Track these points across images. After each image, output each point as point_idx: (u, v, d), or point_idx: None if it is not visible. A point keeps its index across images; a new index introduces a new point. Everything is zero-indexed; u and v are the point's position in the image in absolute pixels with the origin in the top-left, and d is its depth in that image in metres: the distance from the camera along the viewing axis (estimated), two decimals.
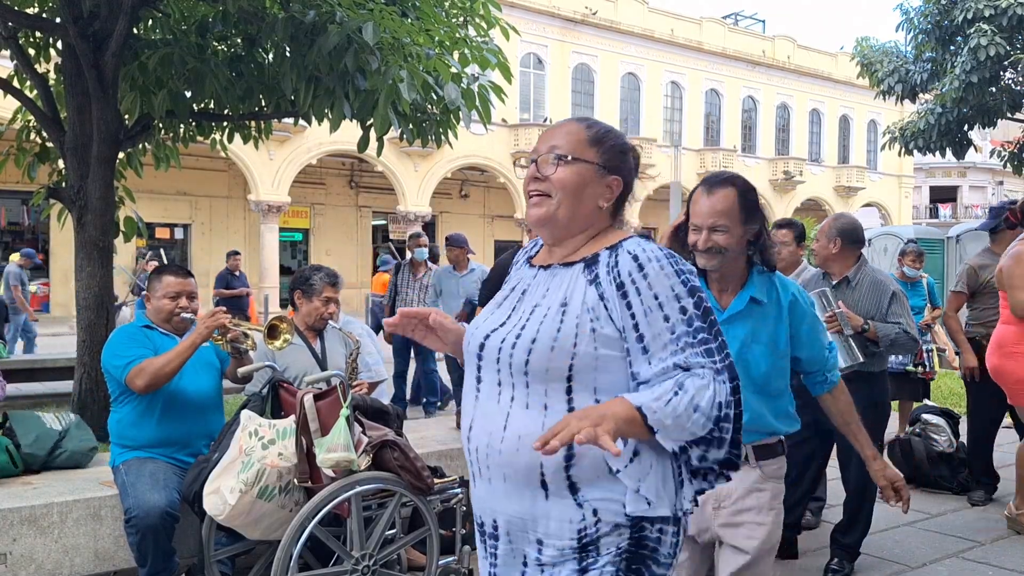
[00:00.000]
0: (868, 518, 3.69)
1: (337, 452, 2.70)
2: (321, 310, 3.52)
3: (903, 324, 3.46)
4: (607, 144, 1.53)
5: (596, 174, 1.50)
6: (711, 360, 1.38)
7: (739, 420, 1.41)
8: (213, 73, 4.58)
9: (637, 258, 1.42)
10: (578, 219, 1.51)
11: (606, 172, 1.51)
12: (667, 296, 1.39)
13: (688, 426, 1.35)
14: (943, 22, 12.27)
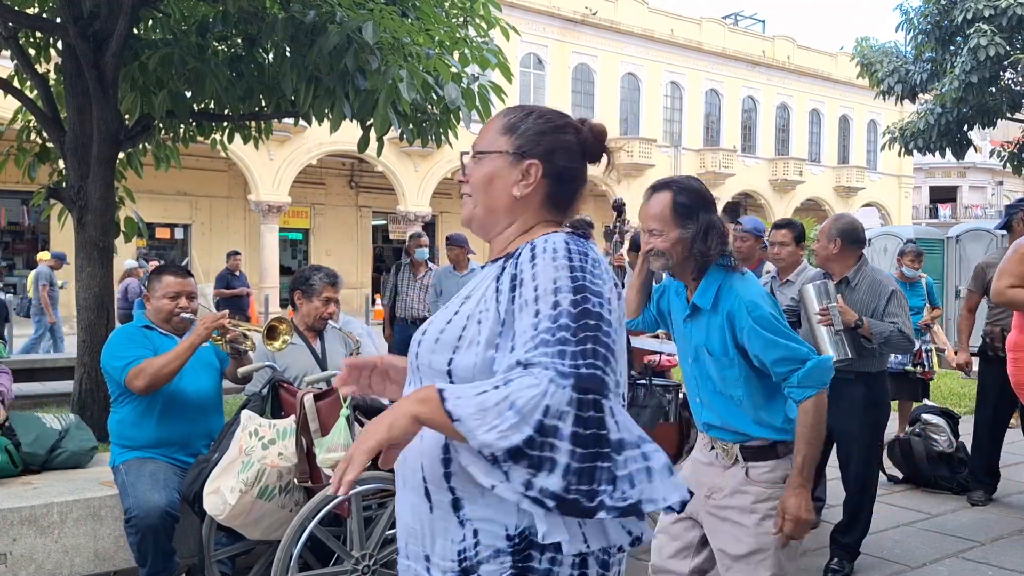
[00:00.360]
0: (868, 518, 3.69)
1: (337, 452, 2.70)
2: (321, 310, 3.52)
3: (899, 323, 3.46)
4: (522, 128, 1.38)
5: (508, 162, 1.37)
6: (560, 362, 1.15)
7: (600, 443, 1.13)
8: (213, 73, 4.58)
9: (534, 248, 1.27)
10: (496, 214, 1.39)
11: (520, 158, 1.36)
12: (546, 289, 1.22)
13: (494, 422, 1.12)
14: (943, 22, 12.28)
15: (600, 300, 1.22)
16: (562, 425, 1.12)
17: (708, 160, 28.46)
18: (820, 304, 3.45)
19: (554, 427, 1.11)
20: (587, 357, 1.17)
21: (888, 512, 4.55)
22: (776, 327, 2.08)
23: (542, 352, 1.17)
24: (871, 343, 3.46)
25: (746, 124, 30.89)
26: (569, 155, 1.38)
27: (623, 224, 4.94)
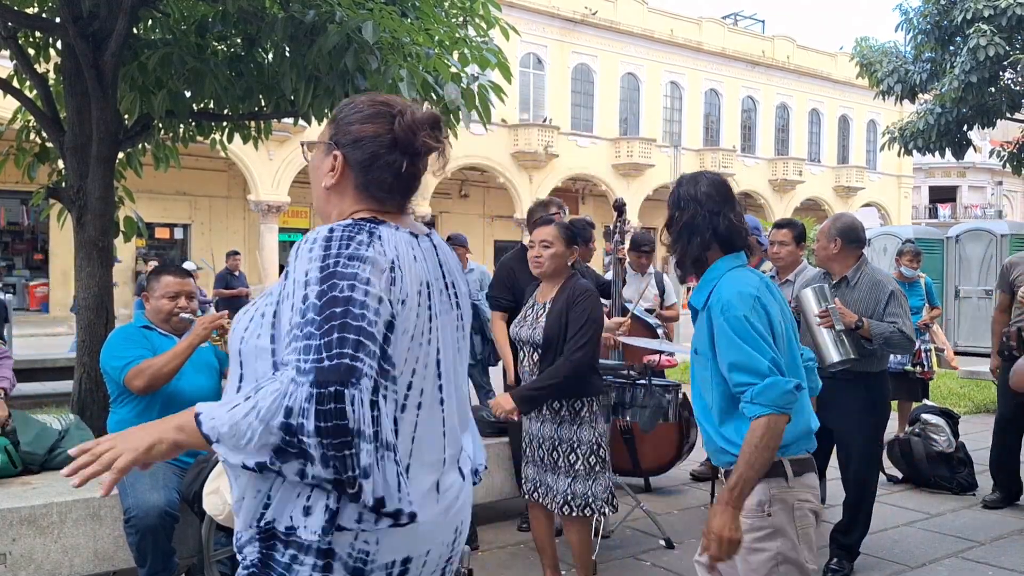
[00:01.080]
0: (868, 518, 3.69)
1: None
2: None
3: (899, 323, 3.46)
4: (339, 117, 1.39)
5: (323, 153, 1.39)
6: (304, 358, 1.15)
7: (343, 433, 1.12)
8: (213, 73, 4.57)
9: (305, 237, 1.27)
10: (321, 204, 1.42)
11: (332, 147, 1.38)
12: (297, 282, 1.21)
13: (247, 435, 1.14)
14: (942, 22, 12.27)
15: (352, 283, 1.19)
16: (305, 422, 1.12)
17: (708, 160, 28.47)
18: (819, 307, 3.45)
19: (300, 425, 1.12)
20: (332, 348, 1.15)
21: (888, 512, 4.55)
22: (745, 330, 1.94)
23: (291, 349, 1.17)
24: (872, 344, 3.46)
25: (746, 124, 30.90)
26: (376, 144, 1.35)
27: (623, 224, 4.94)
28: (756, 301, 1.98)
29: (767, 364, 1.91)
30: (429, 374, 1.31)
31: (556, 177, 25.67)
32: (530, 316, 3.25)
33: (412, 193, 1.45)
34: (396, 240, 1.30)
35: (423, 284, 1.31)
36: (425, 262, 1.36)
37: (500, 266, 4.40)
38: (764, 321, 1.97)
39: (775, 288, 2.13)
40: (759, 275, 2.11)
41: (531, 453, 3.23)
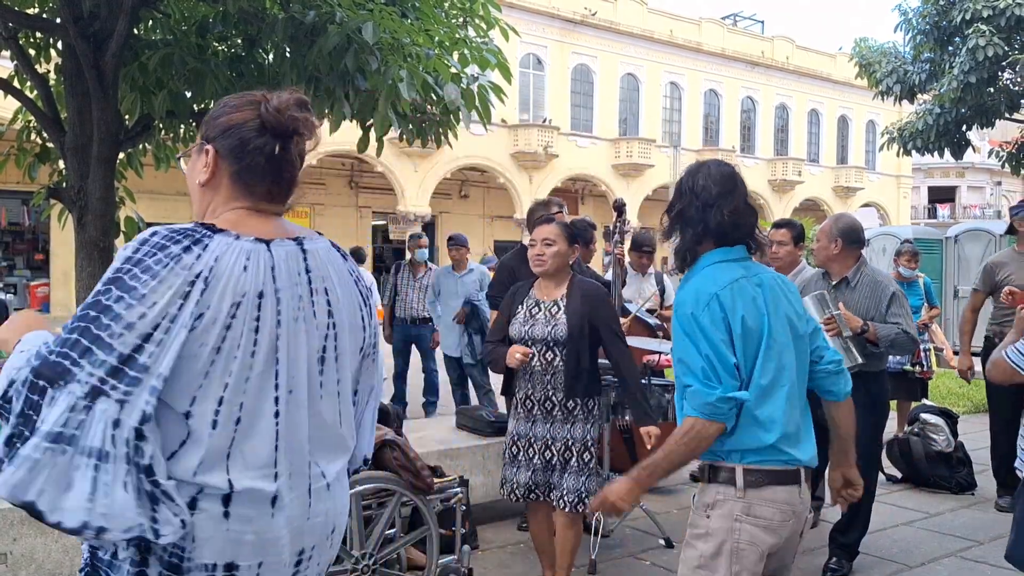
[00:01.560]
0: (867, 517, 3.70)
1: None
2: None
3: (902, 324, 3.47)
4: (208, 117, 1.41)
5: (197, 154, 1.39)
6: (47, 344, 1.22)
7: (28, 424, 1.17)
8: (213, 73, 4.58)
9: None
10: (195, 203, 1.42)
11: (203, 144, 1.39)
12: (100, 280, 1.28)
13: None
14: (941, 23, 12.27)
15: (122, 295, 1.21)
16: (16, 400, 1.18)
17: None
18: (823, 314, 3.45)
19: (11, 398, 1.19)
20: (65, 346, 1.19)
21: (887, 511, 4.56)
22: (691, 328, 1.91)
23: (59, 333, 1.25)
24: (878, 347, 3.47)
25: (745, 124, 30.91)
26: (245, 131, 1.35)
27: (623, 224, 4.95)
28: (713, 299, 1.91)
29: (700, 365, 1.88)
30: (251, 388, 1.28)
31: (556, 177, 25.68)
32: (539, 315, 3.17)
33: (288, 182, 1.41)
34: (225, 250, 1.27)
35: (244, 296, 1.27)
36: (263, 272, 1.30)
37: (500, 266, 4.41)
38: (718, 320, 1.90)
39: (770, 284, 2.00)
40: (746, 270, 2.00)
41: (521, 456, 3.17)
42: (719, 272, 1.97)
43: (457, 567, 3.19)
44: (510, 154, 24.71)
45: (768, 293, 1.99)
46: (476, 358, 6.29)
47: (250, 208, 1.37)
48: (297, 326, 1.34)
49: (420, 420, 5.90)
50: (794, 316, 2.03)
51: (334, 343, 1.40)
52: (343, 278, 1.44)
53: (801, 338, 2.03)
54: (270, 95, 1.38)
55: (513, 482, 3.19)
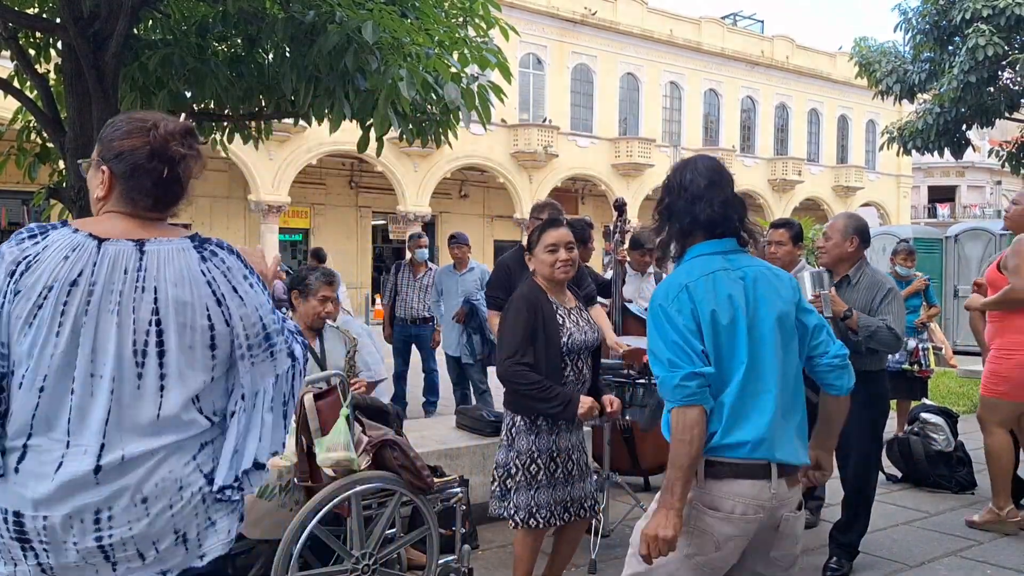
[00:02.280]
0: (867, 517, 3.70)
1: (337, 452, 2.70)
2: (318, 309, 3.53)
3: (888, 320, 3.47)
4: (103, 136, 1.60)
5: (95, 169, 1.59)
6: None
7: None
8: (213, 73, 4.59)
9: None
10: (92, 208, 1.62)
11: (100, 162, 1.58)
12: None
13: None
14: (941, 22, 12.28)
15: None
16: None
17: None
18: (813, 291, 3.48)
19: None
20: None
21: (887, 511, 4.56)
22: (659, 320, 1.91)
23: None
24: (856, 336, 3.47)
25: (745, 124, 30.91)
26: (136, 157, 1.54)
27: (624, 223, 4.95)
28: (683, 290, 1.92)
29: (667, 356, 1.88)
30: (55, 364, 1.45)
31: (556, 177, 25.68)
32: (579, 322, 3.02)
33: (178, 197, 1.61)
34: (56, 241, 1.48)
35: (57, 282, 1.45)
36: (83, 264, 1.48)
37: (498, 265, 4.41)
38: (686, 311, 1.90)
39: (754, 276, 1.97)
40: (729, 263, 1.97)
41: (541, 475, 2.94)
42: (698, 264, 1.97)
43: (457, 567, 3.19)
44: (510, 154, 24.71)
45: (751, 287, 1.97)
46: (475, 358, 6.29)
47: (125, 212, 1.56)
48: (109, 318, 1.48)
49: (420, 420, 5.90)
50: (785, 311, 1.99)
51: (156, 339, 1.50)
52: (186, 279, 1.53)
53: (790, 333, 2.00)
54: (158, 121, 1.56)
55: (532, 506, 2.91)
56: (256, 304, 1.57)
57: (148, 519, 1.48)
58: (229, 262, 1.58)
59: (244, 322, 1.55)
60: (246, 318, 1.55)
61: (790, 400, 2.00)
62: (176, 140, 1.55)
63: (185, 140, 1.57)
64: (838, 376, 2.15)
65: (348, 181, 24.79)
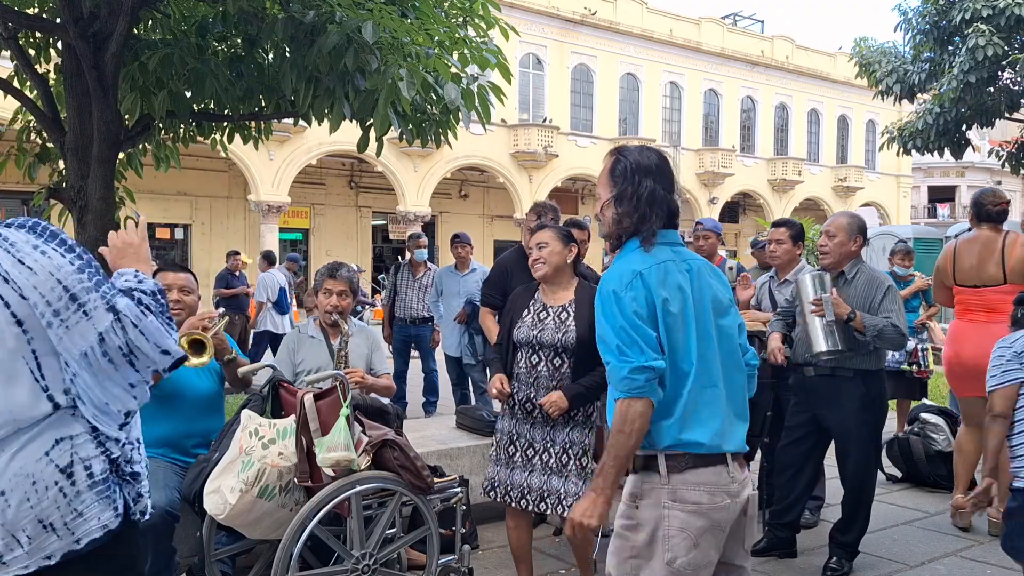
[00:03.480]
0: (866, 517, 3.70)
1: (337, 451, 2.71)
2: (324, 303, 3.56)
3: (892, 318, 3.48)
4: None
5: None
6: None
7: None
8: (213, 73, 4.58)
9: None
10: None
11: None
12: None
13: None
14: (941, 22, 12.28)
15: None
16: None
17: (707, 160, 28.48)
18: (814, 294, 3.50)
19: None
20: None
21: (887, 511, 4.56)
22: (609, 306, 1.90)
23: None
24: (864, 336, 3.49)
25: (745, 124, 30.91)
26: None
27: None
28: (636, 277, 1.92)
29: (616, 342, 1.87)
30: None
31: (556, 177, 25.68)
32: (548, 319, 3.12)
33: None
34: None
35: None
36: None
37: (496, 265, 4.41)
38: (640, 298, 1.89)
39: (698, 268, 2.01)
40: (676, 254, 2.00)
41: (518, 456, 3.10)
42: (652, 252, 1.98)
43: (457, 567, 3.19)
44: (510, 154, 24.71)
45: (695, 277, 1.99)
46: (476, 358, 6.29)
47: None
48: None
49: (420, 420, 5.90)
50: (720, 302, 2.02)
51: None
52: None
53: (728, 325, 2.03)
54: None
55: (507, 483, 3.11)
56: (51, 269, 1.54)
57: (11, 510, 1.52)
58: (14, 237, 1.58)
59: (40, 290, 1.53)
60: (41, 285, 1.52)
61: (732, 388, 2.01)
62: None
63: None
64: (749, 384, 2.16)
65: (348, 181, 24.79)
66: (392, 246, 25.75)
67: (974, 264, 4.22)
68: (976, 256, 4.21)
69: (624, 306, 1.89)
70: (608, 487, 1.90)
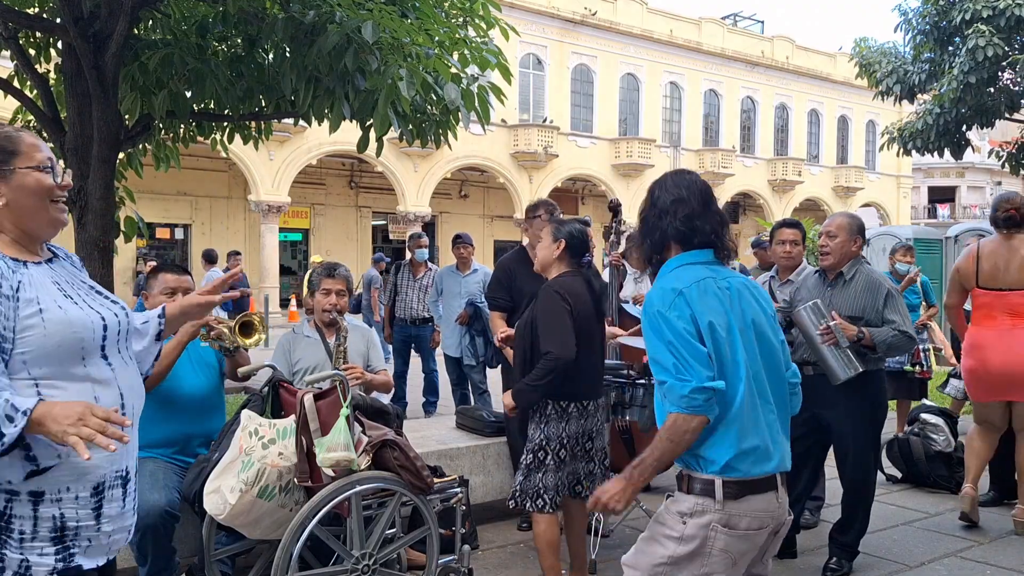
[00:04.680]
0: (866, 517, 3.70)
1: (337, 452, 2.70)
2: (322, 302, 3.56)
3: (898, 324, 3.47)
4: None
5: None
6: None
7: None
8: (213, 73, 4.58)
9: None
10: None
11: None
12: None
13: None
14: (941, 23, 12.28)
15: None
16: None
17: (707, 160, 28.47)
18: (819, 324, 3.46)
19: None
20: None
21: (887, 511, 4.56)
22: (658, 326, 1.96)
23: None
24: (875, 352, 3.49)
25: (745, 124, 30.91)
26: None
27: (618, 224, 4.95)
28: (678, 297, 1.97)
29: (672, 362, 1.93)
30: None
31: (556, 177, 25.68)
32: None
33: None
34: None
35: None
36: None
37: (498, 267, 4.41)
38: (685, 316, 1.95)
39: (738, 287, 2.05)
40: (714, 273, 2.05)
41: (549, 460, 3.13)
42: (685, 272, 2.04)
43: (457, 567, 3.19)
44: (510, 154, 24.71)
45: (735, 297, 2.04)
46: (477, 359, 6.28)
47: None
48: None
49: (420, 420, 5.90)
50: (763, 321, 2.07)
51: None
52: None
53: (770, 343, 2.07)
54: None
55: (540, 487, 3.11)
56: None
57: None
58: None
59: None
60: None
61: (781, 407, 2.08)
62: None
63: None
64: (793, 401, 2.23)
65: (348, 181, 24.79)
66: (392, 246, 25.74)
67: (998, 267, 4.17)
68: (1001, 259, 4.16)
69: (672, 323, 1.95)
70: (643, 481, 2.00)
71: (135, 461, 1.83)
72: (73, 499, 1.64)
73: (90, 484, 1.67)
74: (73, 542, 1.65)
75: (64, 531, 1.64)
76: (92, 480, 1.67)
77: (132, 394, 1.81)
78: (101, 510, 1.69)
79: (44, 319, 1.63)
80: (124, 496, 1.77)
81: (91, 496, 1.67)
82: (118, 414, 1.60)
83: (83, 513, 1.66)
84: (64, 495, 1.64)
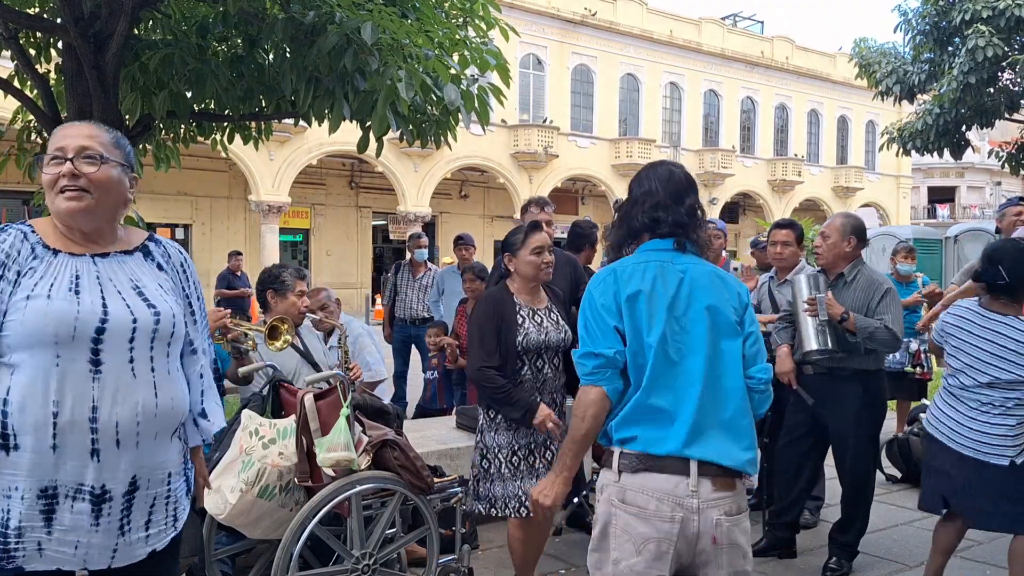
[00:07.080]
0: (865, 517, 3.71)
1: (337, 452, 2.71)
2: (297, 304, 3.56)
3: (886, 320, 3.47)
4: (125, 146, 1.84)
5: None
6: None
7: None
8: (213, 74, 4.58)
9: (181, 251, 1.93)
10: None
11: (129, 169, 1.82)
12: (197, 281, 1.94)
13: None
14: (941, 23, 12.29)
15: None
16: None
17: (707, 160, 28.48)
18: (809, 294, 3.50)
19: None
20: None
21: (886, 511, 4.57)
22: (584, 304, 2.00)
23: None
24: (855, 337, 3.48)
25: (745, 125, 30.92)
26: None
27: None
28: (609, 275, 2.00)
29: (583, 335, 1.98)
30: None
31: (556, 177, 25.69)
32: (544, 323, 3.10)
33: None
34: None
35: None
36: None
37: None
38: (608, 293, 1.96)
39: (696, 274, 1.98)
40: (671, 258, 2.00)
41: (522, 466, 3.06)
42: (637, 257, 2.05)
43: (457, 567, 3.19)
44: (510, 154, 24.72)
45: (688, 282, 1.96)
46: None
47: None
48: None
49: (420, 420, 5.90)
50: (721, 311, 1.96)
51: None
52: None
53: (727, 332, 1.96)
54: None
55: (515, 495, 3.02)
56: None
57: None
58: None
59: None
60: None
61: (721, 396, 1.92)
62: None
63: None
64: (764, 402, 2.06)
65: (348, 181, 24.79)
66: (392, 246, 25.75)
67: None
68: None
69: (593, 299, 1.99)
70: (565, 469, 1.99)
71: (123, 484, 1.68)
72: (20, 499, 1.62)
73: (36, 486, 1.62)
74: (17, 541, 1.62)
75: (7, 528, 1.62)
76: (37, 483, 1.62)
77: (123, 403, 1.67)
78: (53, 517, 1.62)
79: (26, 306, 1.63)
80: (97, 514, 1.65)
81: (37, 499, 1.62)
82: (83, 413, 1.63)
83: (28, 514, 1.62)
84: (13, 493, 1.63)
